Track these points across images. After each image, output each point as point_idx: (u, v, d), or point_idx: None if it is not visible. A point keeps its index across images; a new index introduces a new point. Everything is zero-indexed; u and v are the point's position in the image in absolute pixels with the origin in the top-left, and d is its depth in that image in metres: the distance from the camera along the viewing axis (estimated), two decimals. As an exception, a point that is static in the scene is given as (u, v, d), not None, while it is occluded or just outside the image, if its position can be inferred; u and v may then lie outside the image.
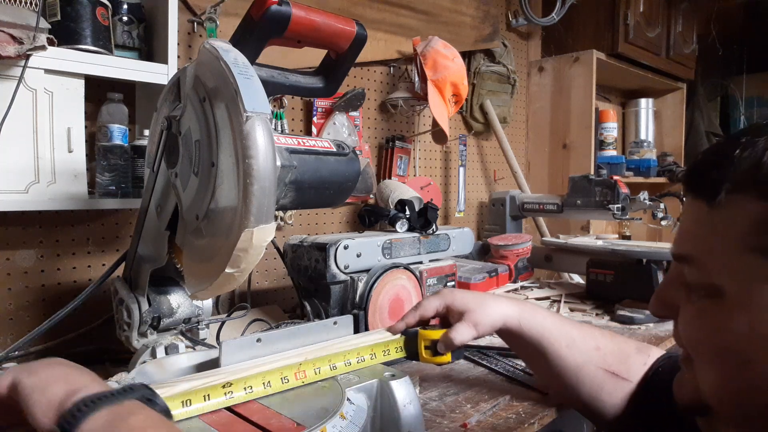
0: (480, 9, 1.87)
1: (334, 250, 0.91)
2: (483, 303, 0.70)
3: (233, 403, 0.55)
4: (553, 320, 0.70)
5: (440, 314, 0.73)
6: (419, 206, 1.13)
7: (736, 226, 0.39)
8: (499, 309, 0.69)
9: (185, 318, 0.78)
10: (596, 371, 0.67)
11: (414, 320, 0.72)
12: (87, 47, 0.87)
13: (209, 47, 0.58)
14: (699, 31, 2.67)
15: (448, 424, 0.69)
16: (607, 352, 0.68)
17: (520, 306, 0.71)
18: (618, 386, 0.66)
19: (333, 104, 1.40)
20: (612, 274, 1.29)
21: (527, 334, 0.69)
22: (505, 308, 0.70)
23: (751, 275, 0.38)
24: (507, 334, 0.71)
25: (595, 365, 0.67)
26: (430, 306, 0.72)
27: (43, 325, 0.75)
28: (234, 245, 0.54)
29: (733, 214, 0.39)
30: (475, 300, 0.71)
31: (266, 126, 0.54)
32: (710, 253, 0.41)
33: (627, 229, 2.53)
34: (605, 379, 0.66)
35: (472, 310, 0.69)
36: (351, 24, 0.73)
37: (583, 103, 2.07)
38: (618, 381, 0.66)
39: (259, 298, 1.30)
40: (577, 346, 0.68)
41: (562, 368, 0.68)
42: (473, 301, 0.70)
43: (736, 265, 0.39)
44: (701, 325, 0.42)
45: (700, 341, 0.43)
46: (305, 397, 0.59)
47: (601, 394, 0.66)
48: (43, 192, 0.85)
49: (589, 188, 1.50)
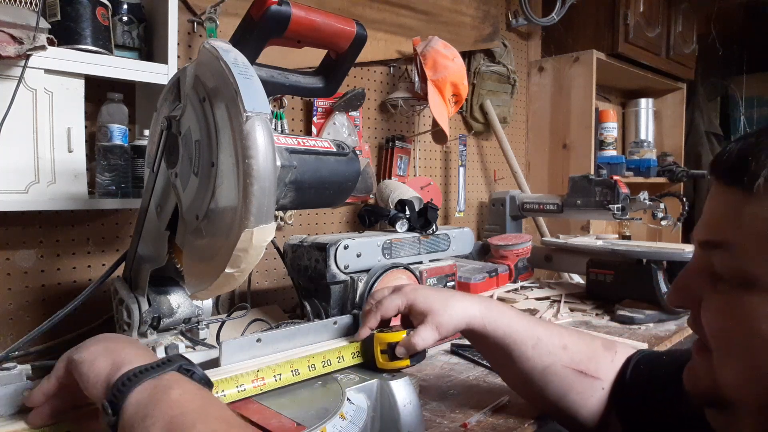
0: (480, 9, 1.87)
1: (334, 250, 0.91)
2: (446, 303, 0.67)
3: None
4: (519, 320, 0.68)
5: (402, 313, 0.69)
6: (419, 206, 1.13)
7: None
8: (463, 310, 0.67)
9: (185, 318, 0.78)
10: (564, 370, 0.65)
11: (376, 323, 0.68)
12: (87, 47, 0.87)
13: (209, 47, 0.58)
14: (699, 31, 2.67)
15: (448, 424, 0.69)
16: (575, 350, 0.66)
17: (485, 305, 0.68)
18: (587, 385, 0.65)
19: (333, 104, 1.40)
20: (612, 274, 1.29)
21: (492, 335, 0.66)
22: (469, 308, 0.67)
23: None
24: (471, 334, 0.69)
25: (562, 365, 0.65)
26: (392, 305, 0.68)
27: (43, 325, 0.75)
28: (234, 245, 0.54)
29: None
30: (438, 300, 0.67)
31: (266, 126, 0.54)
32: (746, 240, 0.40)
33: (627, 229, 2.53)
34: (574, 379, 0.65)
35: (435, 312, 0.65)
36: (351, 24, 0.73)
37: (583, 103, 2.07)
38: (587, 379, 0.65)
39: (259, 298, 1.30)
40: (544, 345, 0.66)
41: (528, 369, 0.66)
42: (436, 302, 0.67)
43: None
44: (731, 315, 0.41)
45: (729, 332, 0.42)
46: (305, 397, 0.59)
47: (570, 394, 0.65)
48: (43, 192, 0.85)
49: (589, 188, 1.50)
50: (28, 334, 0.77)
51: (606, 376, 0.65)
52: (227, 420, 0.41)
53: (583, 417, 0.65)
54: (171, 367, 0.44)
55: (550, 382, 0.66)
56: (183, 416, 0.39)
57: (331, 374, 0.64)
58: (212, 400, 0.44)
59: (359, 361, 0.68)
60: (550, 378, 0.65)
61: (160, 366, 0.44)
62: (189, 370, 0.45)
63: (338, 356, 0.66)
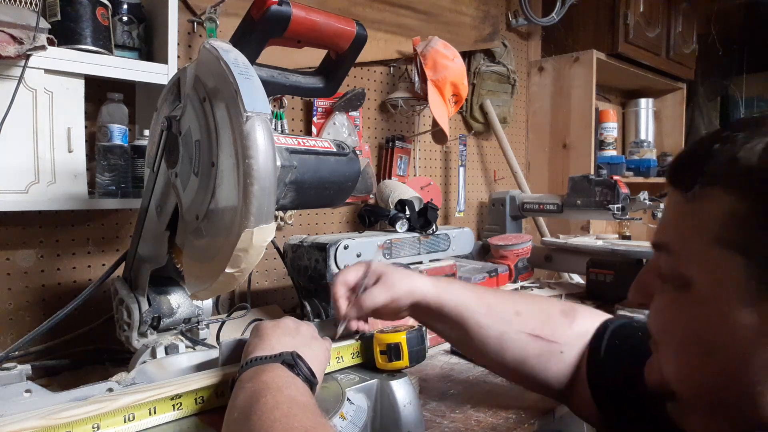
0: (480, 9, 1.87)
1: (334, 250, 0.91)
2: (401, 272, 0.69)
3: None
4: (470, 290, 0.69)
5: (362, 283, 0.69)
6: (419, 206, 1.13)
7: (707, 219, 0.39)
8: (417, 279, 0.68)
9: (185, 318, 0.78)
10: (518, 335, 0.65)
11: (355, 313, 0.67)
12: (87, 47, 0.87)
13: (209, 47, 0.58)
14: (699, 31, 2.67)
15: (448, 424, 0.69)
16: (528, 315, 0.67)
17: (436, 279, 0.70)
18: (545, 349, 0.65)
19: (333, 104, 1.40)
20: (612, 274, 1.29)
21: (445, 305, 0.67)
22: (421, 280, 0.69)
23: (719, 268, 0.39)
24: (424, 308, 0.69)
25: (516, 330, 0.66)
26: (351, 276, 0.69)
27: (43, 325, 0.75)
28: (234, 245, 0.54)
29: (706, 206, 0.39)
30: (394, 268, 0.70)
31: (266, 126, 0.54)
32: (683, 244, 0.41)
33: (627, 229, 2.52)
34: (529, 343, 0.65)
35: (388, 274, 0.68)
36: (351, 24, 0.73)
37: (583, 103, 2.07)
38: (542, 343, 0.65)
39: (259, 298, 1.30)
40: (496, 312, 0.66)
41: (483, 337, 0.66)
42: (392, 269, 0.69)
43: (705, 258, 0.40)
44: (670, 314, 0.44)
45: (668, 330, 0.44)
46: (305, 397, 0.59)
47: (528, 359, 0.65)
48: (43, 192, 0.85)
49: (589, 188, 1.50)
50: (28, 334, 0.77)
51: (564, 340, 0.65)
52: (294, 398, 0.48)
53: (546, 381, 0.66)
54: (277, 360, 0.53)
55: (506, 349, 0.66)
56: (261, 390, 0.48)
57: (331, 374, 0.64)
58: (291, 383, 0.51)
59: (359, 361, 0.68)
60: (506, 344, 0.66)
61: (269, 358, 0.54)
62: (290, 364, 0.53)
63: (338, 356, 0.66)
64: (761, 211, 0.36)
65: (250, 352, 0.56)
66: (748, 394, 0.38)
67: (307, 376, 0.53)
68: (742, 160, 0.37)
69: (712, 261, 0.39)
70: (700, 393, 0.42)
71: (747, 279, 0.37)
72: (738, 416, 0.40)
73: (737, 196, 0.37)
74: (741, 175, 0.38)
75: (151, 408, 0.52)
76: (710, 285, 0.39)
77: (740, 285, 0.37)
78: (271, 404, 0.46)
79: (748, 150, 0.37)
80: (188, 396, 0.55)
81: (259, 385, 0.49)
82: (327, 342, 0.64)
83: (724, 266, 0.38)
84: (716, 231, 0.39)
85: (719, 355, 0.40)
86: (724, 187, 0.38)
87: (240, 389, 0.50)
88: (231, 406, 0.49)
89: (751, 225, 0.37)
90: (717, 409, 0.42)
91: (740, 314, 0.38)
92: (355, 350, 0.68)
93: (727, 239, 0.38)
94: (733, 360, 0.39)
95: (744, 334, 0.38)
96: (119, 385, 0.56)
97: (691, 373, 0.43)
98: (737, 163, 0.38)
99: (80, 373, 0.89)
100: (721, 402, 0.41)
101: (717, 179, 0.39)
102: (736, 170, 0.38)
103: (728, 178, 0.38)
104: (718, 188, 0.39)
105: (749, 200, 0.37)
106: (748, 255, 0.37)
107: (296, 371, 0.53)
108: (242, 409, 0.47)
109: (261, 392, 0.48)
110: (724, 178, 0.38)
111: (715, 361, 0.40)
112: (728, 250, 0.38)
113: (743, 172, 0.37)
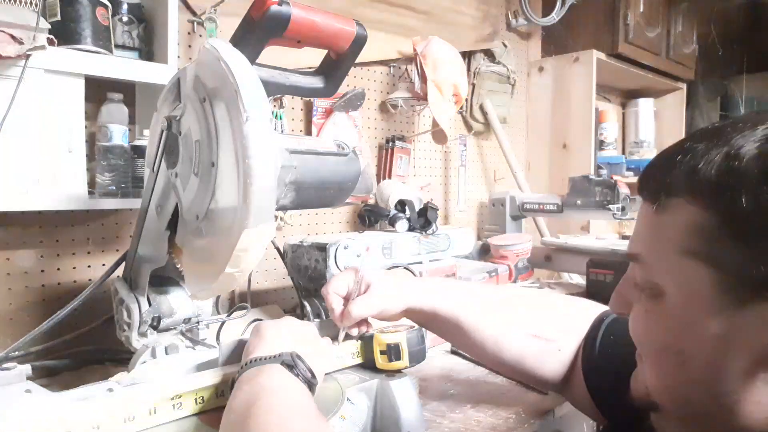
0: (480, 9, 1.87)
1: (334, 250, 0.91)
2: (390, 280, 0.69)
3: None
4: (466, 291, 0.68)
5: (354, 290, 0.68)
6: (419, 206, 1.13)
7: (674, 229, 0.40)
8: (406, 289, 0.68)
9: (185, 318, 0.78)
10: (516, 335, 0.65)
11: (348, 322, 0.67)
12: (87, 47, 0.87)
13: (209, 47, 0.58)
14: (699, 31, 2.66)
15: (448, 424, 0.69)
16: (526, 315, 0.67)
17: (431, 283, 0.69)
18: (543, 348, 0.65)
19: (333, 104, 1.40)
20: (612, 274, 1.28)
21: (440, 311, 0.67)
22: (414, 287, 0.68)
23: (687, 277, 0.39)
24: (417, 314, 0.68)
25: (514, 330, 0.66)
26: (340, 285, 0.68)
27: (43, 325, 0.75)
28: (234, 245, 0.54)
29: (672, 218, 0.40)
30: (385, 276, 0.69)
31: (266, 126, 0.54)
32: (653, 254, 0.42)
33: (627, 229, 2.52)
34: (528, 343, 0.65)
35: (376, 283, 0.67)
36: (351, 24, 0.73)
37: (583, 103, 2.07)
38: (541, 342, 0.65)
39: (259, 298, 1.30)
40: (493, 313, 0.66)
41: (481, 339, 0.66)
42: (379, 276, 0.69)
43: (673, 268, 0.40)
44: (645, 323, 0.44)
45: (644, 339, 0.45)
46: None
47: (526, 358, 0.65)
48: (43, 192, 0.85)
49: (589, 188, 1.50)
50: (28, 334, 0.77)
51: (562, 337, 0.65)
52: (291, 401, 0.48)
53: (543, 377, 0.66)
54: (275, 361, 0.53)
55: (505, 349, 0.66)
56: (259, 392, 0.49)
57: (331, 374, 0.64)
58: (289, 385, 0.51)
59: (359, 361, 0.68)
60: (504, 345, 0.66)
61: (267, 359, 0.54)
62: (289, 365, 0.53)
63: (338, 356, 0.66)
64: (723, 221, 0.37)
65: (250, 352, 0.56)
66: (725, 403, 0.38)
67: (307, 377, 0.54)
68: (702, 171, 0.38)
69: (681, 271, 0.40)
70: (679, 403, 0.43)
71: (714, 288, 0.38)
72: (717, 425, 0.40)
73: (699, 207, 0.38)
74: (701, 187, 0.38)
75: (151, 408, 0.52)
76: (680, 295, 0.40)
77: (708, 294, 0.38)
78: (267, 408, 0.46)
79: (707, 162, 0.38)
80: (188, 396, 0.55)
81: (257, 387, 0.50)
82: (327, 342, 0.64)
83: (691, 276, 0.39)
84: (682, 241, 0.39)
85: (692, 364, 0.40)
86: (687, 198, 0.39)
87: (238, 391, 0.51)
88: (228, 408, 0.50)
89: (714, 235, 0.37)
90: (696, 418, 0.42)
91: (710, 323, 0.38)
92: (355, 350, 0.68)
93: (693, 250, 0.38)
94: (706, 369, 0.39)
95: (714, 344, 0.38)
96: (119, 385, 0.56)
97: (667, 383, 0.43)
98: (697, 175, 0.38)
99: (80, 373, 0.89)
100: (699, 411, 0.41)
101: (679, 191, 0.39)
102: (696, 182, 0.38)
103: (690, 190, 0.39)
104: (681, 200, 0.39)
105: (710, 211, 0.37)
106: (714, 264, 0.37)
107: (296, 372, 0.53)
108: (239, 412, 0.47)
109: (258, 395, 0.48)
110: (685, 189, 0.39)
111: (689, 370, 0.40)
112: (695, 260, 0.38)
113: (703, 183, 0.38)
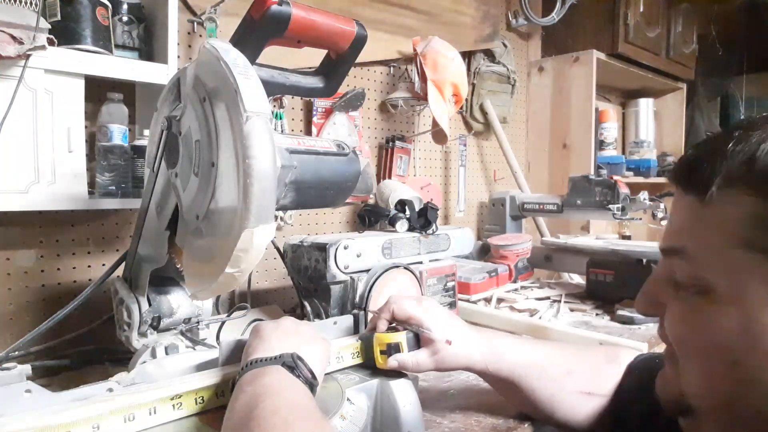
0: (480, 9, 1.87)
1: (334, 250, 0.91)
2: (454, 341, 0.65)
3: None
4: (521, 354, 0.66)
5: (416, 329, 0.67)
6: (419, 206, 1.13)
7: (728, 221, 0.38)
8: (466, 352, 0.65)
9: (185, 318, 0.78)
10: (570, 396, 0.65)
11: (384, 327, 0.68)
12: (87, 47, 0.87)
13: (209, 47, 0.58)
14: (699, 31, 2.66)
15: (448, 424, 0.69)
16: (579, 373, 0.66)
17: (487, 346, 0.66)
18: (597, 404, 0.65)
19: (333, 104, 1.40)
20: (612, 274, 1.28)
21: (495, 374, 0.66)
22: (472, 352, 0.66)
23: (743, 271, 0.37)
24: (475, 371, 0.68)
25: (568, 391, 0.65)
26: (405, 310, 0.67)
27: (43, 325, 0.75)
28: (234, 245, 0.54)
29: (726, 209, 0.38)
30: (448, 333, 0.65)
31: (266, 126, 0.54)
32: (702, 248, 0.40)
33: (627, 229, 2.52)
34: (582, 402, 0.65)
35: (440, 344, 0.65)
36: (351, 24, 0.73)
37: (583, 103, 2.07)
38: (594, 399, 0.65)
39: (259, 298, 1.30)
40: (549, 375, 0.65)
41: (535, 399, 0.66)
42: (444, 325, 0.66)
43: (727, 261, 0.38)
44: (690, 322, 0.41)
45: (688, 339, 0.42)
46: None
47: (577, 416, 0.65)
48: (43, 192, 0.85)
49: (589, 188, 1.50)
50: (28, 334, 0.77)
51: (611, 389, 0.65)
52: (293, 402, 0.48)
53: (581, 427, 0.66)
54: (277, 362, 0.53)
55: (558, 409, 0.66)
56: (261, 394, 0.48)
57: (331, 374, 0.64)
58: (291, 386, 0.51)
59: (359, 361, 0.68)
60: (557, 405, 0.65)
61: (268, 360, 0.54)
62: (291, 366, 0.53)
63: (338, 356, 0.66)
64: None
65: (250, 353, 0.56)
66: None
67: (308, 378, 0.53)
68: (760, 160, 0.36)
69: (735, 264, 0.38)
70: (723, 405, 0.40)
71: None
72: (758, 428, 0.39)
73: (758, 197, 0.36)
74: (761, 176, 0.36)
75: (151, 408, 0.52)
76: (733, 289, 0.38)
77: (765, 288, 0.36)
78: (269, 409, 0.46)
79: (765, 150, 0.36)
80: (188, 396, 0.55)
81: (258, 389, 0.49)
82: (327, 342, 0.64)
83: (748, 269, 0.37)
84: (738, 233, 0.37)
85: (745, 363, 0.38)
86: (743, 188, 0.37)
87: (240, 392, 0.50)
88: (230, 410, 0.49)
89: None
90: (737, 422, 0.40)
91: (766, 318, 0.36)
92: (355, 350, 0.68)
93: (751, 241, 0.37)
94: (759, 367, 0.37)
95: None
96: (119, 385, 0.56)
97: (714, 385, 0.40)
98: (755, 164, 0.37)
99: (80, 373, 0.89)
100: (742, 414, 0.39)
101: (735, 181, 0.38)
102: (754, 171, 0.37)
103: (747, 180, 0.37)
104: (737, 190, 0.37)
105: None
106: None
107: (296, 373, 0.53)
108: (241, 414, 0.47)
109: (260, 396, 0.48)
110: (743, 179, 0.37)
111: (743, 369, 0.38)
112: (752, 253, 0.37)
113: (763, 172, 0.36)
